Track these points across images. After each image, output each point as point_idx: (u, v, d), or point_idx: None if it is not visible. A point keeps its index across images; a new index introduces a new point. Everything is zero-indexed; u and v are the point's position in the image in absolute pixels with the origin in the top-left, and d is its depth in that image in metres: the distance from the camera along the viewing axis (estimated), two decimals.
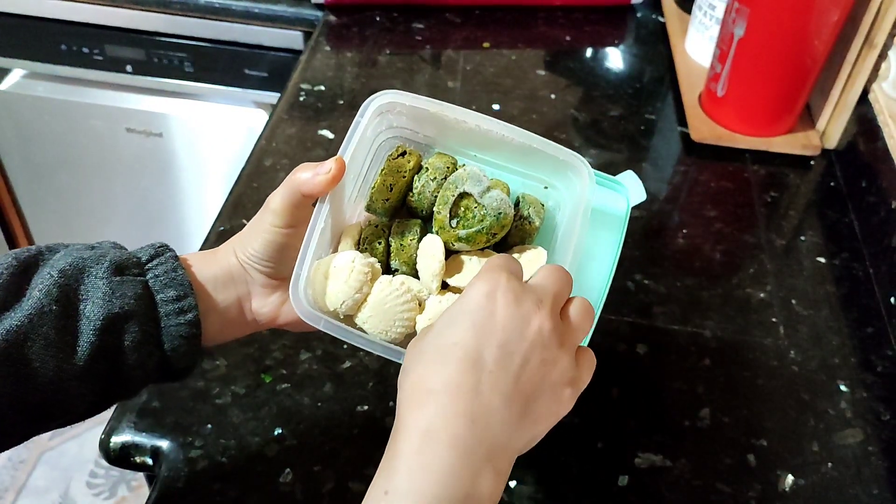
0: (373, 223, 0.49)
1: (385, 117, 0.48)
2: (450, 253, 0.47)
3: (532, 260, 0.47)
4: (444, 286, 0.47)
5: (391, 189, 0.47)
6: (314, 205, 0.46)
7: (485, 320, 0.38)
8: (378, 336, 0.45)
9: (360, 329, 0.46)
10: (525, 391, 0.37)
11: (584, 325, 0.41)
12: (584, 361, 0.41)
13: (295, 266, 0.44)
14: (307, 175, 0.45)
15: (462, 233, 0.46)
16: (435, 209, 0.47)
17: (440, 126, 0.48)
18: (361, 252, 0.47)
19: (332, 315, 0.45)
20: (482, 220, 0.45)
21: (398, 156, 0.48)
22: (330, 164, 0.45)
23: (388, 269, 0.48)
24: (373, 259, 0.46)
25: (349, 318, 0.46)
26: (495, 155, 0.49)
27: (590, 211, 0.45)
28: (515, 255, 0.47)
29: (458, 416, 0.36)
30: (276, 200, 0.47)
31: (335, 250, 0.48)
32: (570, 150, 0.47)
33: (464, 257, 0.47)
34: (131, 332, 0.44)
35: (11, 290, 0.42)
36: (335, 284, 0.44)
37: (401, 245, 0.47)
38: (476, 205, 0.46)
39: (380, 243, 0.47)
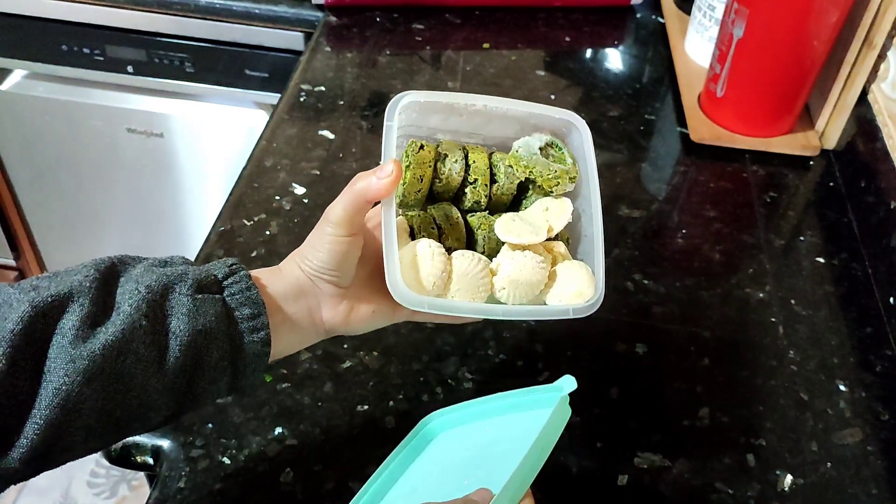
0: (413, 214, 0.52)
1: (397, 118, 0.52)
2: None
3: (559, 211, 0.52)
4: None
5: (421, 180, 0.51)
6: (373, 206, 0.50)
7: None
8: (469, 302, 0.50)
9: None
10: None
11: None
12: None
13: (384, 262, 0.47)
14: (368, 182, 0.48)
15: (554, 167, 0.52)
16: (534, 171, 0.52)
17: (445, 115, 0.53)
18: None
19: (427, 295, 0.49)
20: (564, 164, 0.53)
21: (418, 150, 0.51)
22: (390, 167, 0.48)
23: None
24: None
25: (439, 297, 0.50)
26: (500, 131, 0.54)
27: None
28: (545, 206, 0.52)
29: None
30: (337, 211, 0.49)
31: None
32: (566, 110, 0.53)
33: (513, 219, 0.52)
34: (213, 349, 0.46)
35: (100, 304, 0.44)
36: (424, 269, 0.49)
37: (450, 225, 0.52)
38: (556, 154, 0.54)
39: (433, 228, 0.52)
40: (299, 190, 0.82)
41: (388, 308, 0.53)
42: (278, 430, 0.61)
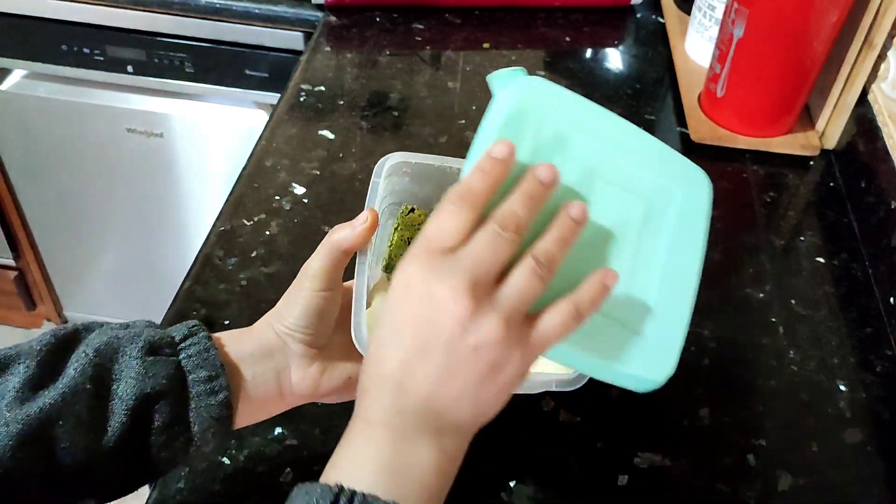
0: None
1: (389, 180, 0.51)
2: None
3: None
4: None
5: (408, 243, 0.50)
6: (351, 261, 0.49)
7: (403, 311, 0.38)
8: None
9: None
10: (455, 377, 0.38)
11: (527, 290, 0.39)
12: (531, 335, 0.40)
13: (353, 313, 0.46)
14: (345, 232, 0.47)
15: None
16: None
17: (439, 181, 0.50)
18: None
19: None
20: None
21: (408, 213, 0.51)
22: (365, 215, 0.47)
23: None
24: None
25: None
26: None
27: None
28: None
29: (390, 405, 0.38)
30: (314, 264, 0.48)
31: (368, 306, 0.50)
32: None
33: None
34: (162, 413, 0.44)
35: (47, 369, 0.43)
36: None
37: None
38: None
39: None
40: (299, 190, 0.82)
41: (356, 371, 0.51)
42: (278, 430, 0.61)
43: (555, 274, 0.40)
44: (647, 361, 0.43)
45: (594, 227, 0.43)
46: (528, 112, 0.43)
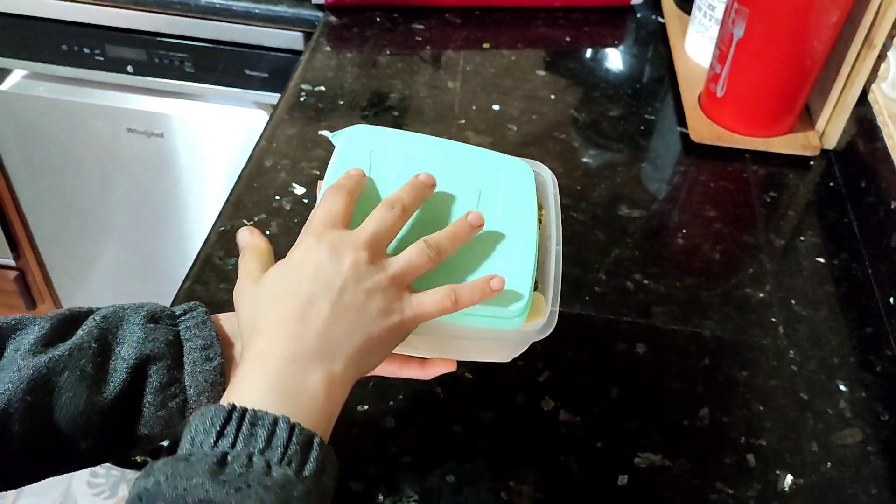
0: None
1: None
2: None
3: None
4: None
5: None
6: None
7: (304, 266, 0.44)
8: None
9: None
10: (347, 314, 0.43)
11: (413, 263, 0.46)
12: (416, 297, 0.46)
13: None
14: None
15: None
16: None
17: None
18: None
19: None
20: None
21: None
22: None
23: None
24: None
25: None
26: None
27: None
28: None
29: (285, 337, 0.42)
30: None
31: None
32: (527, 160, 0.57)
33: None
34: (158, 373, 0.48)
35: (60, 330, 0.47)
36: None
37: None
38: None
39: None
40: (299, 190, 0.82)
41: None
42: None
43: (441, 260, 0.47)
44: (503, 301, 0.48)
45: (439, 209, 0.52)
46: (360, 143, 0.54)
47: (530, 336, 0.50)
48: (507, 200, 0.53)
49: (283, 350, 0.42)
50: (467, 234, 0.49)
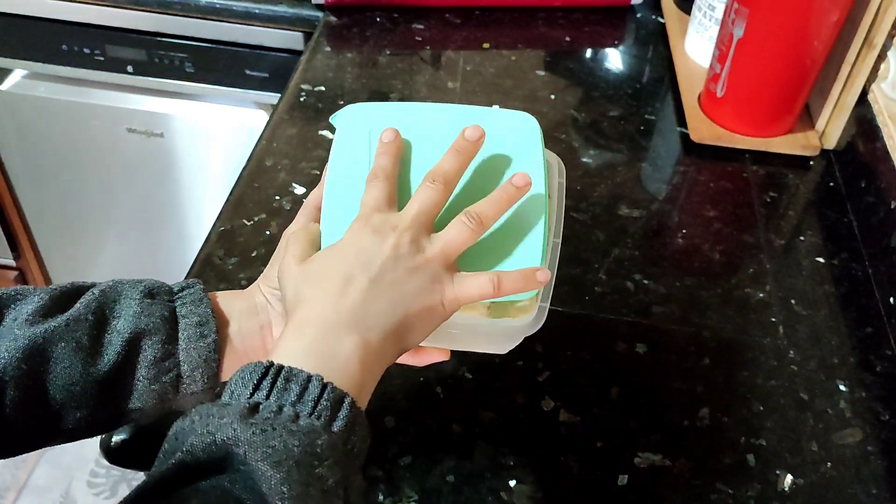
0: None
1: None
2: None
3: None
4: None
5: None
6: None
7: (348, 248, 0.46)
8: None
9: None
10: (387, 290, 0.45)
11: (456, 240, 0.47)
12: (458, 278, 0.47)
13: None
14: (316, 194, 0.52)
15: None
16: None
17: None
18: None
19: None
20: None
21: None
22: (310, 203, 0.53)
23: None
24: None
25: None
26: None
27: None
28: None
29: (324, 308, 0.44)
30: (294, 229, 0.52)
31: None
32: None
33: None
34: (153, 347, 0.48)
35: (58, 303, 0.48)
36: None
37: None
38: None
39: None
40: (299, 190, 0.82)
41: None
42: None
43: (486, 230, 0.47)
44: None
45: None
46: (358, 123, 0.54)
47: (520, 331, 0.50)
48: (516, 160, 0.52)
49: (321, 319, 0.43)
50: (512, 199, 0.49)
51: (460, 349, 0.55)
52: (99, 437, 0.61)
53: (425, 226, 0.47)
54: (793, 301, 0.75)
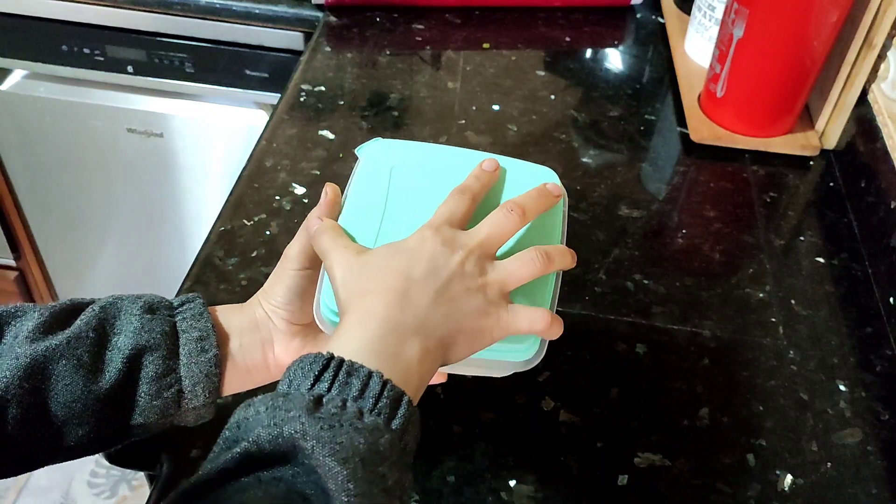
0: None
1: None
2: None
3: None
4: None
5: None
6: None
7: (417, 251, 0.46)
8: None
9: None
10: (447, 303, 0.45)
11: (518, 272, 0.47)
12: (513, 309, 0.47)
13: (315, 294, 0.49)
14: (314, 211, 0.52)
15: None
16: None
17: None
18: None
19: None
20: None
21: None
22: (326, 190, 0.52)
23: None
24: None
25: None
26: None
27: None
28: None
29: (390, 305, 0.43)
30: (295, 246, 0.52)
31: None
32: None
33: None
34: (154, 363, 0.48)
35: (59, 319, 0.47)
36: None
37: None
38: None
39: None
40: (299, 190, 0.82)
41: None
42: None
43: (552, 264, 0.48)
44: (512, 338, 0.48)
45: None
46: (382, 159, 0.54)
47: (522, 365, 0.50)
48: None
49: (386, 316, 0.43)
50: (550, 203, 0.51)
51: (459, 373, 0.55)
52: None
53: (491, 251, 0.48)
54: (793, 301, 0.75)
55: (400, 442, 0.39)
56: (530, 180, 0.53)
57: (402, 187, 0.53)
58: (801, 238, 0.83)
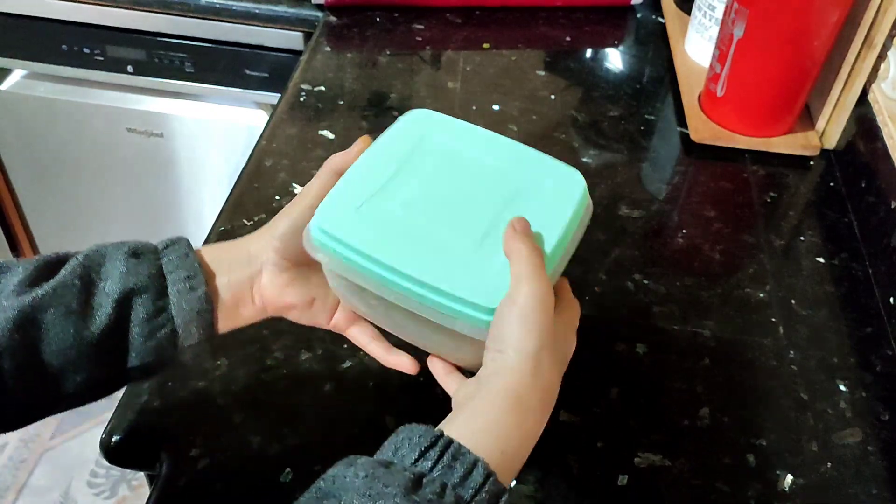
0: None
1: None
2: None
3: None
4: None
5: None
6: None
7: (568, 336, 0.50)
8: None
9: None
10: (563, 368, 0.49)
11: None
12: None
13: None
14: (340, 156, 0.53)
15: None
16: None
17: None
18: None
19: None
20: None
21: None
22: (358, 141, 0.53)
23: None
24: None
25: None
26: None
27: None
28: None
29: (527, 374, 0.44)
30: (314, 185, 0.52)
31: None
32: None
33: None
34: (143, 305, 0.48)
35: (43, 272, 0.47)
36: None
37: None
38: None
39: None
40: (299, 190, 0.82)
41: (321, 304, 0.55)
42: (278, 430, 0.61)
43: None
44: (481, 291, 0.46)
45: (469, 197, 0.50)
46: (416, 127, 0.54)
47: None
48: (541, 209, 0.50)
49: (542, 418, 0.45)
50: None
51: (425, 348, 0.55)
52: (99, 437, 0.61)
53: None
54: (793, 301, 0.75)
55: None
56: (550, 182, 0.52)
57: (420, 161, 0.52)
58: (802, 238, 0.83)
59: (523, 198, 0.51)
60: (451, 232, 0.48)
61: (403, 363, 0.55)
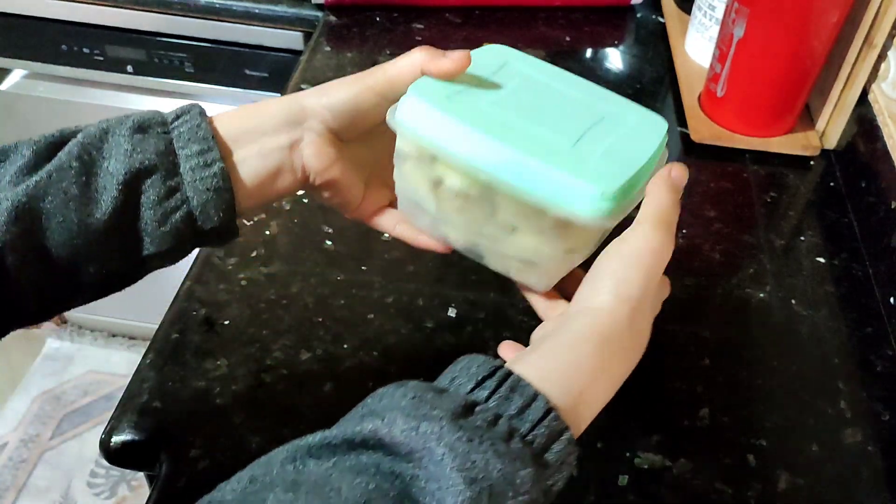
0: None
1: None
2: None
3: None
4: None
5: None
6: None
7: (653, 273, 0.46)
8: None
9: None
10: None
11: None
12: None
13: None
14: (437, 60, 0.47)
15: None
16: None
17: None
18: None
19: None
20: None
21: None
22: (459, 54, 0.46)
23: None
24: None
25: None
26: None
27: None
28: None
29: (621, 322, 0.43)
30: (391, 68, 0.48)
31: None
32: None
33: None
34: (153, 187, 0.44)
35: (43, 156, 0.43)
36: None
37: None
38: None
39: None
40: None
41: (357, 189, 0.51)
42: (278, 430, 0.61)
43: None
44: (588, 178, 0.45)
45: (552, 112, 0.49)
46: (495, 57, 0.52)
47: (573, 258, 0.50)
48: (626, 137, 0.49)
49: (611, 335, 0.43)
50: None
51: (493, 266, 0.52)
52: (99, 437, 0.61)
53: None
54: (793, 301, 0.75)
55: (546, 480, 0.36)
56: (634, 117, 0.50)
57: (504, 79, 0.50)
58: (802, 238, 0.83)
59: (609, 124, 0.49)
60: (545, 130, 0.46)
61: (432, 243, 0.51)
